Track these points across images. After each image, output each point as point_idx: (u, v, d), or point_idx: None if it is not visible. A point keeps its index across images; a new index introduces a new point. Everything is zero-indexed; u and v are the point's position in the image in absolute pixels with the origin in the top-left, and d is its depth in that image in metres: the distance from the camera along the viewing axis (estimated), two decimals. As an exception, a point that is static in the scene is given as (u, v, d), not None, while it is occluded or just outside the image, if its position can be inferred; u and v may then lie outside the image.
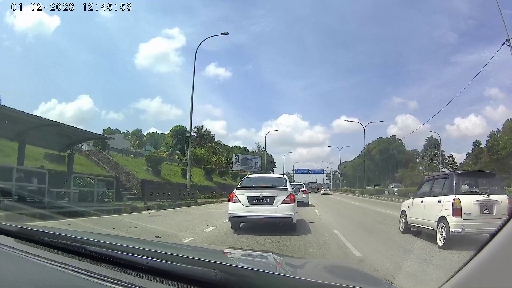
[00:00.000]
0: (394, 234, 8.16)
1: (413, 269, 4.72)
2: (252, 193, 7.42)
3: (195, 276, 1.02)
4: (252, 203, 7.34)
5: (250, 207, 7.32)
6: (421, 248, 6.37)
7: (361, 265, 4.55)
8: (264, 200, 7.32)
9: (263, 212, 7.28)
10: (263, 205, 7.29)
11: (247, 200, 7.35)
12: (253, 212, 7.31)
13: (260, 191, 7.46)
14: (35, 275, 1.21)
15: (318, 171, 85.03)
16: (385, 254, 5.66)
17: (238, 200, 7.42)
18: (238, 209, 7.38)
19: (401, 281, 3.89)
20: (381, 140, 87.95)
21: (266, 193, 7.39)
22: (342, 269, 1.80)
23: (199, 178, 30.85)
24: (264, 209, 7.28)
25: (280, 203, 7.28)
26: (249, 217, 7.47)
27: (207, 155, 38.96)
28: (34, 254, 1.32)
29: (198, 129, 66.77)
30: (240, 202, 7.39)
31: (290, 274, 1.27)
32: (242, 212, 7.36)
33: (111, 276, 1.09)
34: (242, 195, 7.43)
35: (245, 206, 7.33)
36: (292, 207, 7.38)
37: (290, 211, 7.31)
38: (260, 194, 7.37)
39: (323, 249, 6.04)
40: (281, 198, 7.32)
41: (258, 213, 7.29)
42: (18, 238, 1.53)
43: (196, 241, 6.49)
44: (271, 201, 7.29)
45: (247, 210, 7.32)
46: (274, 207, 7.24)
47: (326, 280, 1.14)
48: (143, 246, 1.42)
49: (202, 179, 31.04)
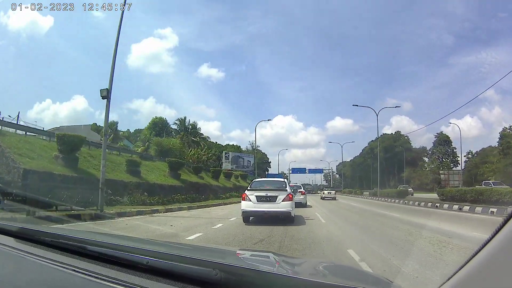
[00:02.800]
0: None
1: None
2: (259, 193, 9.41)
3: (195, 275, 1.03)
4: (259, 201, 9.27)
5: (258, 204, 9.26)
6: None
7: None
8: (269, 198, 9.28)
9: (268, 208, 9.23)
10: (268, 202, 9.25)
11: (256, 198, 9.31)
12: (261, 208, 9.26)
13: (266, 192, 9.48)
14: (36, 274, 1.22)
15: (316, 170, 76.91)
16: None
17: (249, 199, 9.37)
18: (249, 206, 9.33)
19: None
20: (385, 136, 79.89)
21: (270, 193, 9.37)
22: (342, 269, 1.81)
23: (158, 174, 22.46)
24: (269, 205, 9.23)
25: (282, 201, 9.24)
26: (257, 211, 9.39)
27: (179, 146, 30.39)
28: (35, 254, 1.34)
29: (180, 121, 58.26)
30: (251, 200, 9.34)
31: (290, 274, 1.26)
32: (252, 208, 9.32)
33: (111, 276, 1.10)
34: (252, 195, 9.39)
35: (254, 203, 9.30)
36: (290, 204, 9.43)
37: (289, 207, 9.34)
38: (266, 194, 9.36)
39: None
40: (282, 197, 9.29)
41: (265, 209, 9.25)
42: (18, 238, 1.56)
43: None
44: (274, 199, 9.25)
45: (256, 207, 9.29)
46: (276, 204, 9.21)
47: (326, 280, 1.18)
48: (143, 246, 1.47)
49: (163, 177, 22.65)
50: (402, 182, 60.43)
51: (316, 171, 76.79)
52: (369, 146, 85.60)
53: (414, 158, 73.49)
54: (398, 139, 75.92)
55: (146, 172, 21.22)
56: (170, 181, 22.50)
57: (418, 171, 67.48)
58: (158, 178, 21.67)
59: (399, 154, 67.70)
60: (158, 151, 26.93)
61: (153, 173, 22.04)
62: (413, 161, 71.73)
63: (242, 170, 59.12)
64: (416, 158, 74.18)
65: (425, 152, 76.36)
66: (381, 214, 14.43)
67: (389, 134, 77.52)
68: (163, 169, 24.24)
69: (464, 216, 12.75)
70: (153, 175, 21.78)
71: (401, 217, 12.66)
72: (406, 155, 67.59)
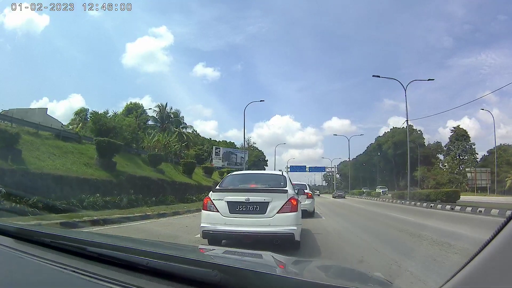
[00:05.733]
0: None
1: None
2: (235, 197, 4.84)
3: (195, 276, 1.02)
4: (234, 212, 4.76)
5: (232, 218, 4.73)
6: None
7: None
8: (253, 207, 4.74)
9: (251, 225, 4.67)
10: (251, 214, 4.74)
11: (227, 207, 4.78)
12: (236, 225, 4.67)
13: (247, 194, 4.81)
14: (35, 275, 1.21)
15: (317, 168, 68.58)
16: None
17: (215, 207, 4.84)
18: (215, 221, 4.78)
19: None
20: (395, 130, 71.34)
21: (255, 197, 4.78)
22: (342, 270, 1.78)
23: (72, 161, 13.74)
24: (252, 220, 4.73)
25: (276, 212, 4.70)
26: (230, 233, 4.75)
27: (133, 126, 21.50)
28: (34, 255, 1.32)
29: (160, 108, 49.49)
30: (218, 210, 4.81)
31: (289, 275, 1.23)
32: (221, 225, 4.72)
33: (111, 277, 1.09)
34: (220, 200, 4.85)
35: (224, 216, 4.75)
36: (294, 217, 4.77)
37: (291, 223, 4.71)
38: (247, 199, 4.76)
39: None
40: (278, 205, 4.73)
41: (244, 227, 4.65)
42: (17, 239, 1.54)
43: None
44: (262, 208, 4.72)
45: (228, 223, 4.71)
46: (267, 218, 4.68)
47: (326, 281, 1.15)
48: (143, 247, 1.40)
49: (83, 166, 13.93)
50: (415, 182, 52.53)
51: (317, 170, 68.49)
52: (376, 142, 77.10)
53: (427, 156, 65.01)
54: (410, 133, 67.28)
55: (41, 155, 12.52)
56: (92, 173, 13.75)
57: (435, 169, 59.00)
58: (67, 167, 12.94)
59: (411, 151, 58.93)
60: (96, 130, 18.24)
61: (60, 159, 13.35)
62: (425, 158, 63.29)
63: (235, 167, 50.52)
64: (429, 156, 65.68)
65: (439, 149, 67.72)
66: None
67: (400, 128, 68.68)
68: (90, 155, 15.56)
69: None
70: (59, 161, 13.08)
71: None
72: (417, 151, 59.21)
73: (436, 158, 66.92)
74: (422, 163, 60.00)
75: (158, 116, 49.32)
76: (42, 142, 14.69)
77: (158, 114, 49.47)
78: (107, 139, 15.40)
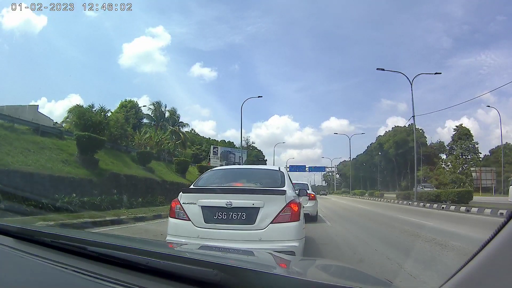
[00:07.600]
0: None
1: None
2: (212, 201, 3.47)
3: (195, 276, 1.01)
4: (211, 221, 3.36)
5: (207, 230, 3.34)
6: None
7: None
8: (237, 215, 3.34)
9: (234, 239, 3.27)
10: (235, 224, 3.34)
11: (202, 214, 3.39)
12: (214, 239, 3.26)
13: (229, 197, 3.41)
14: (35, 275, 1.20)
15: (317, 168, 67.20)
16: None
17: (185, 214, 3.48)
18: (184, 233, 3.43)
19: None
20: (396, 129, 69.97)
21: (240, 200, 3.38)
22: (342, 269, 1.72)
23: (46, 158, 12.30)
24: (236, 233, 3.33)
25: (271, 222, 3.33)
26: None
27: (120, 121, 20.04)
28: (34, 254, 1.31)
29: (155, 105, 48.01)
30: (189, 218, 3.44)
31: (290, 274, 1.23)
32: (193, 239, 3.32)
33: (111, 276, 1.08)
34: (193, 205, 3.44)
35: (198, 227, 3.38)
36: (295, 228, 3.42)
37: (291, 237, 3.38)
38: (229, 204, 3.33)
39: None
40: (273, 211, 3.35)
41: (223, 242, 3.17)
42: (18, 238, 1.52)
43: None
44: (250, 216, 3.33)
45: (202, 236, 3.32)
46: (257, 230, 3.32)
47: (326, 280, 1.13)
48: (143, 246, 1.39)
49: (59, 163, 12.49)
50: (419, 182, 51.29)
51: (316, 169, 67.09)
52: (377, 142, 75.81)
53: (429, 155, 63.73)
54: (412, 132, 65.98)
55: (12, 151, 11.07)
56: (70, 171, 12.28)
57: (438, 169, 57.70)
58: (41, 163, 11.48)
59: (413, 151, 57.68)
60: (80, 125, 16.76)
61: (34, 155, 11.89)
62: (427, 158, 61.99)
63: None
64: (431, 155, 64.41)
65: (442, 148, 66.45)
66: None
67: (401, 127, 67.32)
68: (71, 151, 14.10)
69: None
70: (33, 157, 11.63)
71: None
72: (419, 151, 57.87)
73: (438, 157, 65.68)
74: (424, 162, 58.68)
75: (153, 114, 47.90)
76: (17, 137, 13.27)
77: (153, 112, 48.03)
78: (87, 134, 13.94)
